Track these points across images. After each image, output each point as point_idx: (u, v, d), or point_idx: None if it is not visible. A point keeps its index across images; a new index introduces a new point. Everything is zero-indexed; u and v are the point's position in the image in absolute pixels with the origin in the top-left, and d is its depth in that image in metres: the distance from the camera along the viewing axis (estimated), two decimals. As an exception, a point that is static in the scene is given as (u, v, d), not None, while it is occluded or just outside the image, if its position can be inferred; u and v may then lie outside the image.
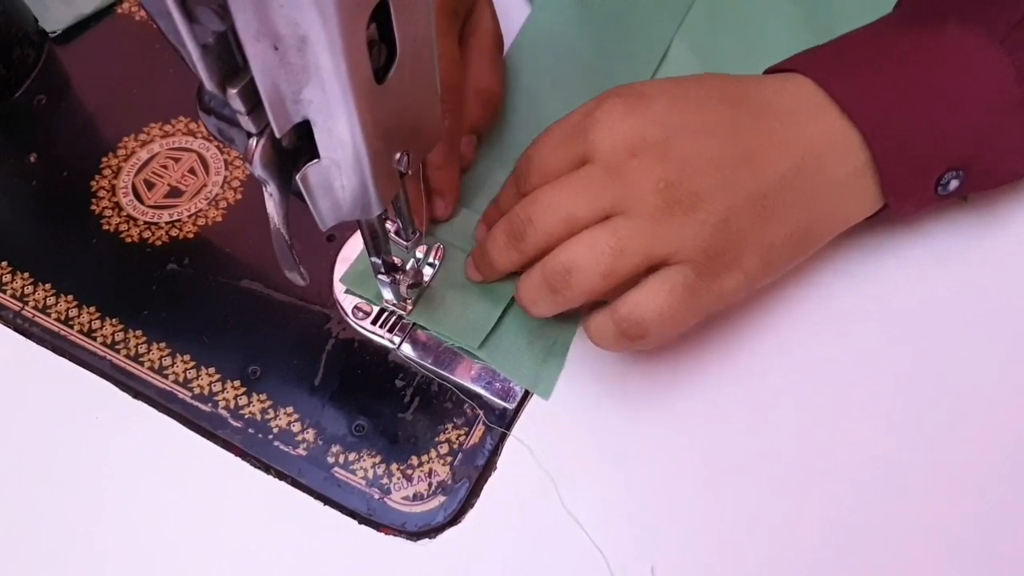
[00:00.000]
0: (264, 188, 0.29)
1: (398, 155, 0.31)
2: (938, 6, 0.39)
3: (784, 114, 0.37)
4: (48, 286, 0.42)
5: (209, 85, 0.25)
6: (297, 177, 0.29)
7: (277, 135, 0.27)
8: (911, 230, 0.43)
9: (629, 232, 0.35)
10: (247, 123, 0.26)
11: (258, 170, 0.28)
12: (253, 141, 0.27)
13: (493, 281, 0.41)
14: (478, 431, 0.39)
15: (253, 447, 0.38)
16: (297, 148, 0.28)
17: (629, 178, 0.35)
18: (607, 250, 0.34)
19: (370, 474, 0.38)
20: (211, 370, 0.40)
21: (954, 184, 0.38)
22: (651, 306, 0.35)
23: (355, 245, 0.43)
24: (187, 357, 0.40)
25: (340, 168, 0.29)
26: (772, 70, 0.40)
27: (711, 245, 0.35)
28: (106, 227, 0.44)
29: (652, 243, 0.35)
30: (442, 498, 0.37)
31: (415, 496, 0.37)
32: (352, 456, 0.38)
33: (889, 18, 0.41)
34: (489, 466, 0.38)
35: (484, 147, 0.45)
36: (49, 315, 0.41)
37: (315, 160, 0.29)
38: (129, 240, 0.43)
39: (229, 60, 0.24)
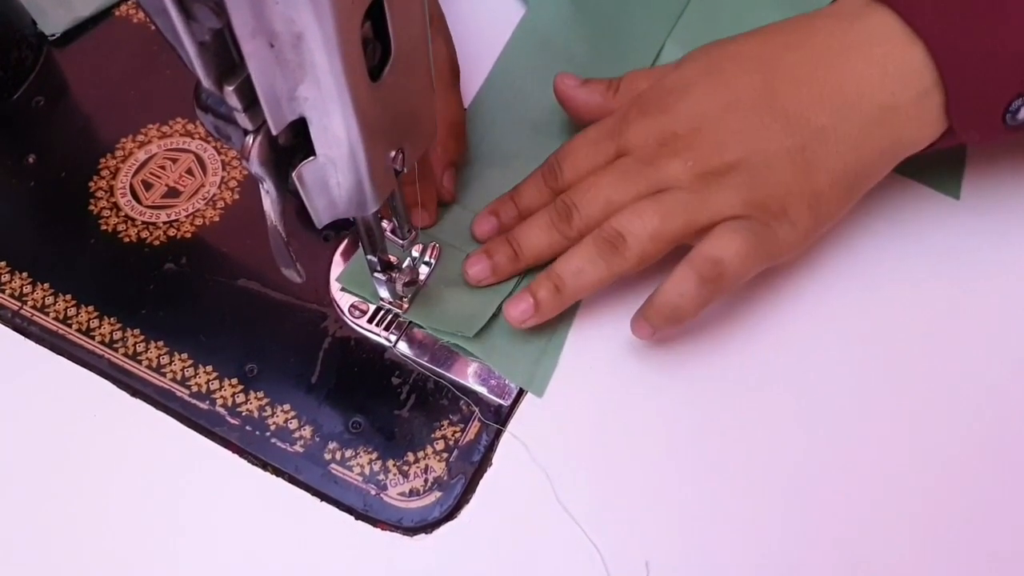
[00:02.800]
0: (261, 186, 0.30)
1: (393, 153, 0.31)
2: None
3: (829, 56, 0.38)
4: (47, 285, 0.42)
5: (206, 83, 0.25)
6: (293, 175, 0.29)
7: (273, 132, 0.27)
8: (917, 230, 0.43)
9: (670, 200, 0.37)
10: (243, 120, 0.27)
11: (255, 167, 0.28)
12: (249, 139, 0.27)
13: (500, 279, 0.41)
14: (474, 428, 0.39)
15: (251, 444, 0.39)
16: (293, 146, 0.29)
17: (662, 163, 0.38)
18: (652, 214, 0.37)
19: (366, 470, 0.38)
20: (209, 368, 0.40)
21: None
22: (726, 245, 0.37)
23: (352, 244, 0.43)
24: (185, 355, 0.41)
25: (336, 166, 0.29)
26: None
27: (751, 200, 0.37)
28: (104, 227, 0.44)
29: (694, 208, 0.37)
30: (438, 494, 0.38)
31: (411, 492, 0.38)
32: (349, 453, 0.38)
33: None
34: (485, 462, 0.38)
35: (476, 147, 0.46)
36: (48, 314, 0.42)
37: (311, 158, 0.29)
38: (127, 240, 0.44)
39: (226, 58, 0.25)
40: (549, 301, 0.39)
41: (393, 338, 0.41)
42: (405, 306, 0.41)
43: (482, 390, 0.40)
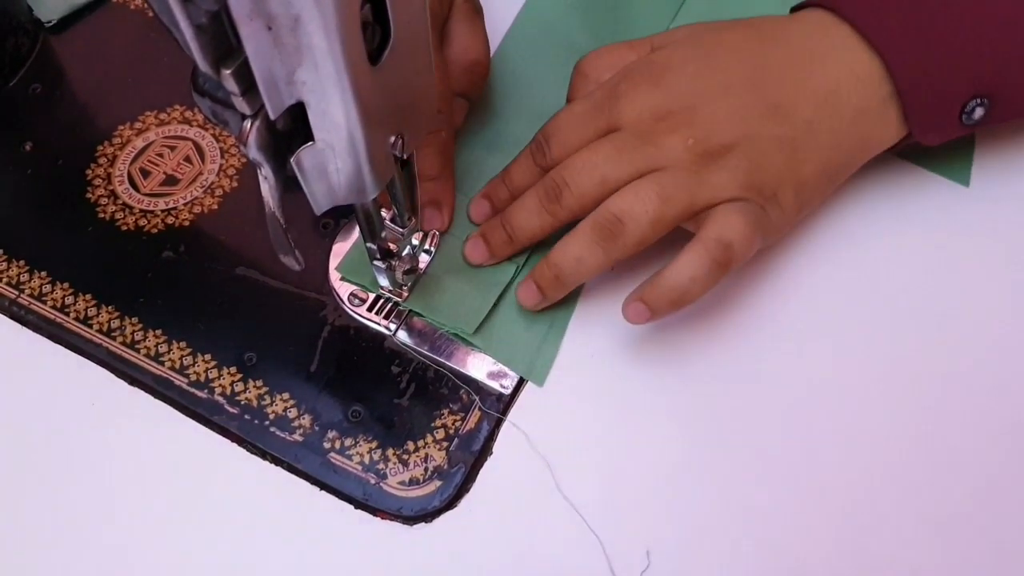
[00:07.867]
0: (259, 171, 0.29)
1: (393, 138, 0.31)
2: None
3: (807, 57, 0.39)
4: (44, 274, 0.42)
5: (203, 66, 0.25)
6: (291, 160, 0.29)
7: (271, 117, 0.27)
8: (926, 218, 0.43)
9: (671, 181, 0.37)
10: (241, 105, 0.26)
11: (253, 153, 0.28)
12: (247, 123, 0.27)
13: (499, 260, 0.41)
14: (474, 417, 0.39)
15: (250, 433, 0.38)
16: (292, 131, 0.28)
17: (659, 139, 0.37)
18: (654, 197, 0.36)
19: (366, 459, 0.38)
20: (207, 357, 0.40)
21: (979, 112, 0.38)
22: (733, 226, 0.36)
23: (351, 232, 0.43)
24: (183, 344, 0.40)
25: (334, 151, 0.29)
26: (797, 8, 0.42)
27: (748, 183, 0.37)
28: (102, 215, 0.44)
29: (693, 190, 0.37)
30: (438, 483, 0.37)
31: (411, 481, 0.37)
32: (348, 441, 0.38)
33: None
34: (485, 451, 0.38)
35: (476, 133, 0.45)
36: (45, 303, 0.41)
37: (310, 143, 0.29)
38: (125, 228, 0.43)
39: (223, 40, 0.24)
40: (551, 289, 0.39)
41: (393, 326, 0.41)
42: (405, 294, 0.41)
43: (482, 379, 0.39)
